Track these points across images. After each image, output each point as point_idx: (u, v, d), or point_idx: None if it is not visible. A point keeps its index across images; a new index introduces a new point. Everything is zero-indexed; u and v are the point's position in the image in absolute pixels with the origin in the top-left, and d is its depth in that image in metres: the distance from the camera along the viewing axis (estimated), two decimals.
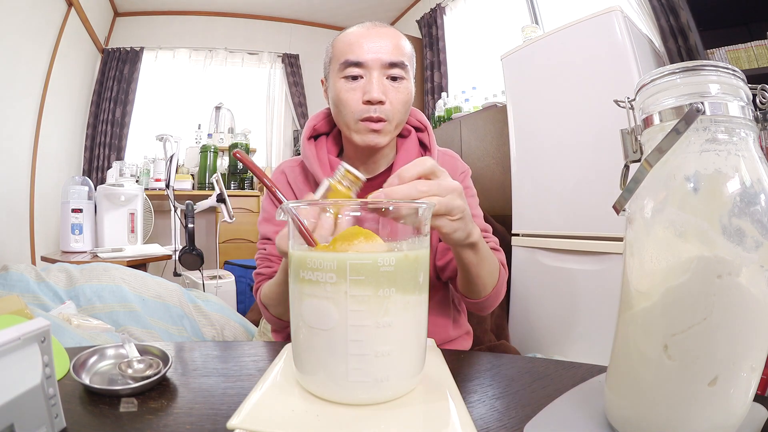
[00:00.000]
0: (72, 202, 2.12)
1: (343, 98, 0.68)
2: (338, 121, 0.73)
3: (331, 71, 0.71)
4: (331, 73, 0.71)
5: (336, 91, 0.69)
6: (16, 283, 1.03)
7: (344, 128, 0.71)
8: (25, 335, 0.31)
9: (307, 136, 0.78)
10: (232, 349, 0.57)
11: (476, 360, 0.54)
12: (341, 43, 0.70)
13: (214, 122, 3.62)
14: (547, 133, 1.56)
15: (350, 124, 0.69)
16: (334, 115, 0.73)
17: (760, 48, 1.35)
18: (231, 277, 2.26)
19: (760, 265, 0.28)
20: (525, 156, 1.67)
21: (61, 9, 2.51)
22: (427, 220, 0.38)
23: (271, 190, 0.40)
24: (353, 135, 0.70)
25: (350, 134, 0.70)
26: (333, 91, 0.70)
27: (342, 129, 0.73)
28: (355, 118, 0.68)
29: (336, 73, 0.69)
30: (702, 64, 0.31)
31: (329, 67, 0.72)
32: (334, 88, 0.69)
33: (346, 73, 0.68)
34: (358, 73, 0.67)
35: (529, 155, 1.66)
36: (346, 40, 0.69)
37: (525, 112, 1.67)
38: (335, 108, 0.71)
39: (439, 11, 2.98)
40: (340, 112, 0.70)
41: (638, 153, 0.35)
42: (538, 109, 1.60)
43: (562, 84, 1.49)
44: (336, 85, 0.69)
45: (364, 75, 0.67)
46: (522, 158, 1.68)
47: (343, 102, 0.68)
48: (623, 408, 0.33)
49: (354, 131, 0.69)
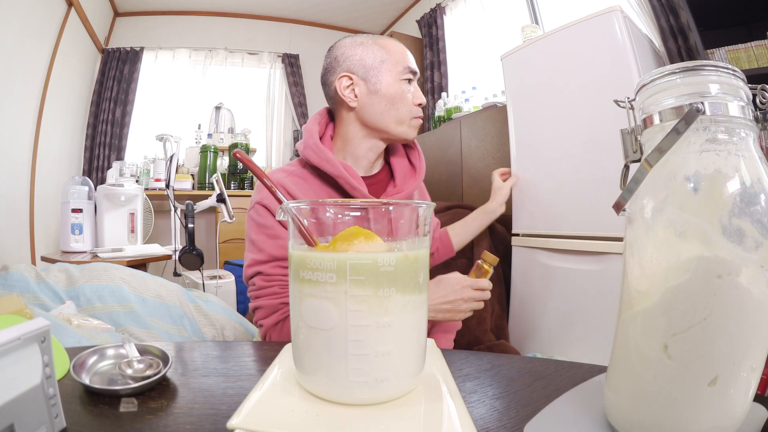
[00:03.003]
0: (72, 202, 2.12)
1: (405, 97, 0.78)
2: (385, 116, 0.78)
3: (385, 70, 0.77)
4: (385, 72, 0.77)
5: (396, 89, 0.78)
6: (16, 283, 1.03)
7: (393, 123, 0.78)
8: (25, 335, 0.31)
9: (319, 138, 0.79)
10: (232, 349, 0.57)
11: (476, 360, 0.54)
12: (396, 49, 0.79)
13: (214, 122, 3.62)
14: (547, 133, 1.56)
15: (405, 119, 0.79)
16: (378, 111, 0.78)
17: (760, 48, 1.35)
18: (231, 277, 2.26)
19: (760, 265, 0.28)
20: (525, 156, 1.67)
21: (61, 9, 2.51)
22: (427, 219, 0.38)
23: (271, 190, 0.40)
24: (405, 129, 0.80)
25: (399, 128, 0.79)
26: (391, 87, 0.77)
27: (388, 124, 0.78)
28: (411, 115, 0.79)
29: (395, 74, 0.78)
30: (702, 64, 0.31)
31: (379, 66, 0.77)
32: (394, 86, 0.77)
33: (407, 77, 0.78)
34: (412, 78, 0.80)
35: (529, 155, 1.65)
36: (399, 49, 0.79)
37: (525, 112, 1.67)
38: (389, 104, 0.77)
39: (439, 11, 2.98)
40: (395, 106, 0.78)
41: (638, 153, 0.35)
42: (538, 109, 1.60)
43: (562, 84, 1.49)
44: (396, 84, 0.78)
45: (413, 82, 0.80)
46: (522, 158, 1.68)
47: (404, 100, 0.78)
48: (623, 408, 0.33)
49: (407, 126, 0.80)
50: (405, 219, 0.37)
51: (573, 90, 1.46)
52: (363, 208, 0.38)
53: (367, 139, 0.80)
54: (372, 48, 0.78)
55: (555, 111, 1.54)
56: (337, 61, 0.79)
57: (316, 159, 0.76)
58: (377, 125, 0.78)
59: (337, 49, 0.80)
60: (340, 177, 0.75)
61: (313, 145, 0.77)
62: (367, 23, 3.85)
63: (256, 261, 0.72)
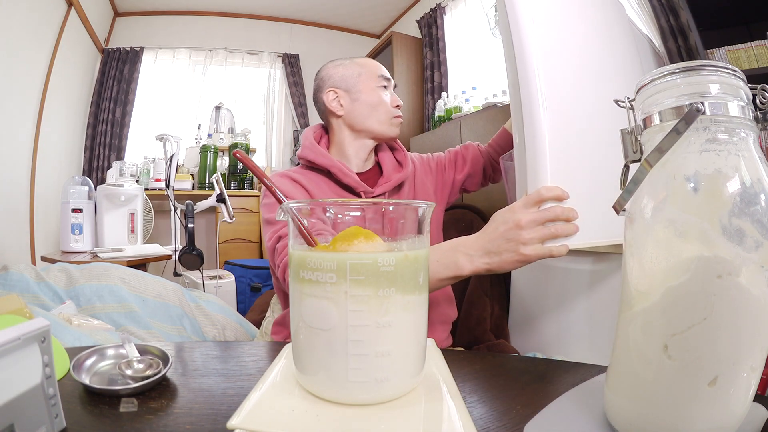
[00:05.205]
0: (72, 202, 2.12)
1: (383, 101, 0.89)
2: (368, 119, 0.89)
3: (362, 81, 0.89)
4: (363, 82, 0.89)
5: (374, 96, 0.89)
6: (16, 283, 1.03)
7: (376, 124, 0.89)
8: (25, 335, 0.31)
9: (317, 142, 0.91)
10: (232, 349, 0.57)
11: (476, 360, 0.54)
12: (370, 63, 0.92)
13: (214, 122, 3.62)
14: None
15: (385, 120, 0.89)
16: (363, 116, 0.89)
17: (760, 48, 1.35)
18: (231, 277, 2.26)
19: (760, 265, 0.28)
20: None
21: (61, 9, 2.51)
22: (427, 219, 0.38)
23: (271, 190, 0.40)
24: (387, 128, 0.89)
25: (382, 128, 0.89)
26: (370, 95, 0.89)
27: (372, 125, 0.89)
28: (390, 115, 0.89)
29: (372, 83, 0.89)
30: (702, 64, 0.31)
31: (357, 79, 0.90)
32: (372, 93, 0.89)
33: (383, 84, 0.90)
34: (387, 85, 0.91)
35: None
36: (373, 63, 0.92)
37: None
38: (370, 109, 0.89)
39: (439, 11, 2.98)
40: (376, 110, 0.89)
41: (638, 153, 0.35)
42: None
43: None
44: (374, 92, 0.89)
45: (388, 88, 0.91)
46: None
47: (382, 104, 0.89)
48: (623, 408, 0.33)
49: (388, 125, 0.89)
50: (405, 219, 0.37)
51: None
52: (362, 208, 0.38)
53: (356, 140, 0.91)
54: (350, 66, 0.91)
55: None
56: (323, 80, 0.93)
57: (312, 156, 0.87)
58: (362, 127, 0.89)
59: (322, 71, 0.94)
60: (333, 166, 0.85)
61: (309, 145, 0.89)
62: (367, 23, 3.85)
63: (274, 232, 0.76)
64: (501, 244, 0.55)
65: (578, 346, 1.45)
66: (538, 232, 0.53)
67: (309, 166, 0.89)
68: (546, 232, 0.53)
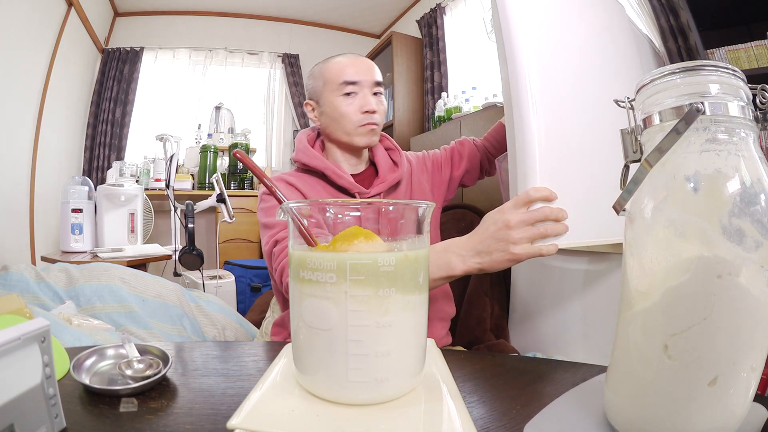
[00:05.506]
0: (72, 202, 2.12)
1: (343, 111, 0.83)
2: (336, 131, 0.86)
3: (326, 92, 0.86)
4: (326, 94, 0.86)
5: (335, 107, 0.84)
6: (16, 283, 1.03)
7: (344, 135, 0.85)
8: (25, 335, 0.31)
9: (311, 145, 0.90)
10: (232, 349, 0.57)
11: (476, 360, 0.54)
12: (333, 68, 0.85)
13: (214, 122, 3.62)
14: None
15: (351, 130, 0.84)
16: (331, 128, 0.87)
17: (760, 48, 1.35)
18: (231, 277, 2.26)
19: (760, 265, 0.28)
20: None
21: (61, 9, 2.51)
22: (427, 219, 0.38)
23: (271, 190, 0.40)
24: (354, 138, 0.85)
25: (351, 139, 0.85)
26: (331, 107, 0.85)
27: (340, 137, 0.86)
28: (356, 125, 0.84)
29: (332, 93, 0.84)
30: (702, 64, 0.31)
31: (322, 90, 0.86)
32: (332, 105, 0.84)
33: (344, 91, 0.83)
34: (353, 90, 0.84)
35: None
36: (337, 66, 0.85)
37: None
38: (334, 122, 0.85)
39: (439, 11, 2.98)
40: (339, 123, 0.84)
41: (638, 153, 0.35)
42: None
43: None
44: (335, 102, 0.84)
45: (358, 92, 0.84)
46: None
47: (343, 114, 0.83)
48: (623, 408, 0.33)
49: (356, 135, 0.85)
50: (405, 219, 0.37)
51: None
52: (362, 208, 0.38)
53: (336, 148, 0.90)
54: (317, 76, 0.89)
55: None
56: (306, 91, 0.93)
57: (305, 158, 0.87)
58: (333, 138, 0.88)
59: (307, 79, 0.93)
60: (326, 169, 0.85)
61: (302, 148, 0.89)
62: (367, 23, 3.85)
63: (271, 236, 0.77)
64: (491, 244, 0.56)
65: (578, 346, 1.45)
66: (528, 232, 0.54)
67: (304, 168, 0.89)
68: (535, 231, 0.54)
